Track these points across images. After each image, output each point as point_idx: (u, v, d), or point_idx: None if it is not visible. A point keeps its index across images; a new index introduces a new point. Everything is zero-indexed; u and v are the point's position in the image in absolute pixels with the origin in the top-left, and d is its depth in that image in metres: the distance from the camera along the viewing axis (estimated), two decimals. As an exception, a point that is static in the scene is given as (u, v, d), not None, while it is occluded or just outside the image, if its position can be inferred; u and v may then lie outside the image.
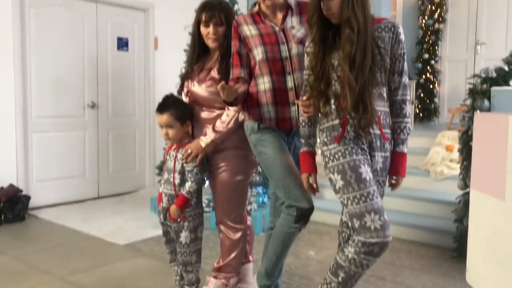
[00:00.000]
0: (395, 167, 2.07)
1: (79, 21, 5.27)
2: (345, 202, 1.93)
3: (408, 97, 2.07)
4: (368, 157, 1.99)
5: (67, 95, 5.20)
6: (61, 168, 5.17)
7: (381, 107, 1.99)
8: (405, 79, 2.05)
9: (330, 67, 1.96)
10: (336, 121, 1.97)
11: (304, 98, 2.07)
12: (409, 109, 2.08)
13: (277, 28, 2.31)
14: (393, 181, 2.11)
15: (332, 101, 1.97)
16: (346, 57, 1.88)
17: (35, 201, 4.85)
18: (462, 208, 3.45)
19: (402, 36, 2.02)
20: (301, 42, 2.24)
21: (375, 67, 1.92)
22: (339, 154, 1.95)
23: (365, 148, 1.98)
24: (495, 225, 1.25)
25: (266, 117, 2.33)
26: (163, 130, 2.44)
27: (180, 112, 2.44)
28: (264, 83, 2.32)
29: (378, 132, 1.98)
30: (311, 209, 2.27)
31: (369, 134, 1.95)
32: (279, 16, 2.33)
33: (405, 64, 2.05)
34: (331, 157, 1.98)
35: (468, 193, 3.41)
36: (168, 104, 2.45)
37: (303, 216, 2.26)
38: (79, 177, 5.36)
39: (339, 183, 1.94)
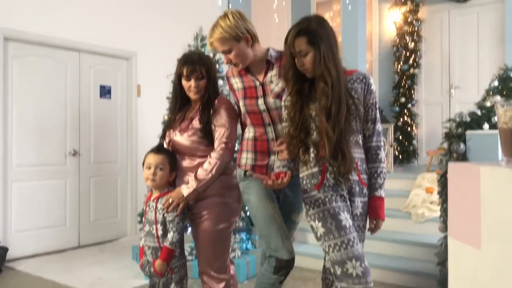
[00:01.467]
0: (374, 211, 2.13)
1: (61, 70, 5.32)
2: (327, 249, 1.98)
3: (382, 143, 2.16)
4: (348, 203, 2.05)
5: (49, 143, 5.18)
6: (41, 218, 5.09)
7: (358, 154, 2.07)
8: (378, 126, 2.15)
9: (309, 117, 2.04)
10: (316, 169, 2.03)
11: (277, 143, 2.18)
12: (384, 154, 2.17)
13: (257, 82, 2.39)
14: (373, 225, 2.16)
15: (311, 149, 2.04)
16: (322, 109, 1.97)
17: (13, 252, 4.73)
18: (444, 251, 3.48)
19: (373, 87, 2.13)
20: (278, 96, 2.30)
21: (351, 116, 2.01)
22: (319, 201, 2.01)
23: (345, 195, 2.04)
24: (473, 275, 1.27)
25: (242, 163, 2.41)
26: (150, 170, 2.43)
27: (173, 160, 2.50)
28: (249, 132, 2.43)
29: (356, 178, 2.05)
30: (291, 260, 2.26)
31: (349, 181, 2.01)
32: (261, 70, 2.41)
33: (377, 112, 2.16)
34: (312, 205, 2.03)
35: (449, 236, 3.47)
36: (164, 149, 2.54)
37: (282, 267, 2.25)
38: (60, 226, 5.26)
39: (320, 231, 1.99)
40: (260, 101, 2.35)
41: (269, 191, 2.35)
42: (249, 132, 2.42)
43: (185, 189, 2.42)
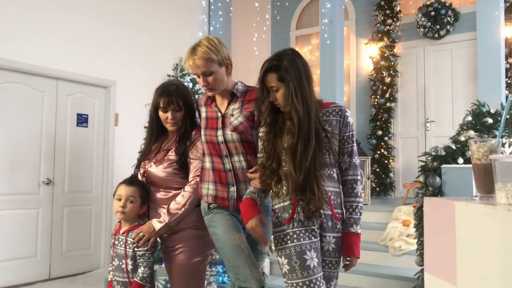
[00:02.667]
0: (348, 248, 2.06)
1: (38, 97, 5.26)
2: (289, 287, 1.95)
3: (359, 177, 2.12)
4: (318, 238, 2.01)
5: (22, 171, 5.07)
6: (11, 248, 4.92)
7: (331, 188, 2.04)
8: (355, 159, 2.11)
9: (281, 148, 2.03)
10: (287, 202, 2.02)
11: (251, 170, 2.16)
12: (360, 188, 2.12)
13: (219, 114, 2.39)
14: (347, 262, 2.10)
15: (284, 182, 2.02)
16: (288, 149, 1.97)
17: (-21, 284, 4.55)
18: (421, 285, 3.48)
19: (350, 119, 2.12)
20: (235, 129, 2.31)
21: (323, 150, 2.00)
22: (287, 237, 1.99)
23: (315, 230, 2.00)
24: (449, 311, 1.27)
25: (204, 194, 2.39)
26: (120, 202, 2.39)
27: (145, 193, 2.46)
28: (207, 162, 2.40)
29: (329, 212, 2.02)
30: None
31: (319, 216, 1.99)
32: (225, 101, 2.41)
33: (354, 145, 2.13)
34: (280, 240, 2.01)
35: (426, 269, 3.47)
36: (138, 181, 2.49)
37: None
38: (30, 257, 5.09)
39: (285, 268, 1.97)
40: (219, 133, 2.34)
41: (235, 222, 2.32)
42: (208, 162, 2.39)
43: (157, 223, 2.37)
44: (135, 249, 2.35)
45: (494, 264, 1.10)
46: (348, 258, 2.09)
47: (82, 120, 5.67)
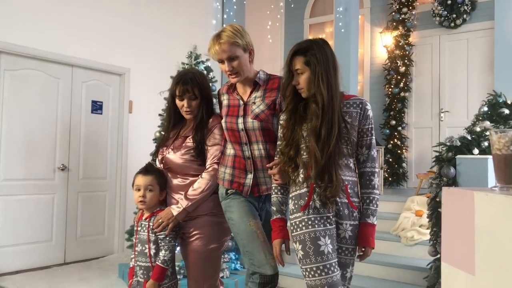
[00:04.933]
0: (363, 238, 2.08)
1: (53, 84, 5.30)
2: (303, 273, 1.99)
3: (376, 170, 2.13)
4: (334, 225, 2.03)
5: (38, 157, 5.13)
6: (27, 233, 5.00)
7: (349, 177, 2.06)
8: (374, 152, 2.13)
9: (300, 136, 2.06)
10: (303, 190, 2.04)
11: (271, 165, 2.17)
12: (377, 180, 2.14)
13: (241, 102, 2.41)
14: (361, 253, 2.12)
15: (301, 170, 2.04)
16: (312, 130, 1.99)
17: (-3, 268, 4.64)
18: (433, 275, 3.48)
19: (370, 112, 2.13)
20: (256, 117, 2.33)
21: (341, 140, 2.02)
22: (303, 224, 2.01)
23: (331, 217, 2.02)
24: (467, 300, 1.27)
25: (220, 177, 2.41)
26: (139, 192, 2.42)
27: (162, 179, 2.48)
28: (229, 149, 2.44)
29: (345, 200, 2.04)
30: (274, 275, 2.25)
31: (335, 203, 2.01)
32: (248, 90, 2.42)
33: (373, 138, 2.14)
34: (296, 227, 2.03)
35: (438, 259, 3.46)
36: (153, 169, 2.50)
37: (267, 283, 2.24)
38: (46, 241, 5.18)
39: (300, 253, 2.00)
40: (240, 120, 2.36)
41: (251, 208, 2.35)
42: (229, 149, 2.43)
43: (175, 209, 2.41)
44: (156, 233, 2.38)
45: (514, 254, 1.10)
46: (363, 249, 2.10)
47: (96, 107, 5.72)
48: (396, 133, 7.15)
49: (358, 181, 2.12)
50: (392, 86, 7.21)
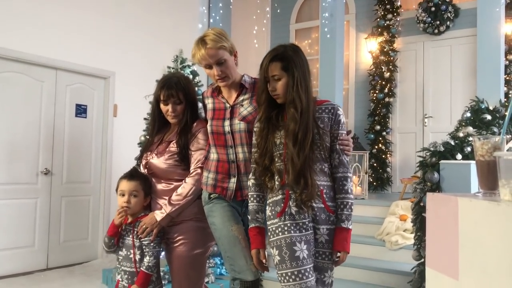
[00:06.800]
0: (338, 242, 2.07)
1: (37, 87, 5.24)
2: (279, 278, 2.01)
3: (349, 174, 2.12)
4: (311, 231, 2.04)
5: (20, 161, 5.06)
6: (9, 238, 4.92)
7: (324, 182, 2.08)
8: (344, 157, 2.13)
9: (273, 144, 2.08)
10: (279, 196, 2.06)
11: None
12: (351, 185, 2.13)
13: (228, 105, 2.40)
14: (336, 258, 2.10)
15: (276, 177, 2.06)
16: (290, 134, 2.01)
17: (-23, 273, 4.56)
18: (417, 279, 3.51)
19: (342, 118, 2.15)
20: (244, 119, 2.33)
21: (315, 145, 2.04)
22: (279, 229, 2.03)
23: (307, 223, 2.03)
24: (451, 305, 1.28)
25: (203, 182, 2.41)
26: (124, 198, 2.40)
27: (147, 185, 2.47)
28: (213, 153, 2.42)
29: (322, 205, 2.06)
30: (255, 281, 2.24)
31: (311, 208, 2.02)
32: (233, 93, 2.42)
33: None
34: (273, 232, 2.05)
35: (422, 264, 3.49)
36: (138, 174, 2.48)
37: None
38: (28, 247, 5.10)
39: (276, 259, 2.02)
40: (226, 123, 2.36)
41: (234, 213, 2.35)
42: (213, 153, 2.42)
43: (159, 214, 2.39)
44: (141, 238, 2.37)
45: (497, 260, 1.12)
46: (338, 254, 2.09)
47: (81, 110, 5.66)
48: (380, 138, 7.21)
49: (332, 185, 2.13)
50: (377, 92, 7.27)
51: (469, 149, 3.61)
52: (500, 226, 1.11)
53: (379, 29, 7.30)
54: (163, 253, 2.58)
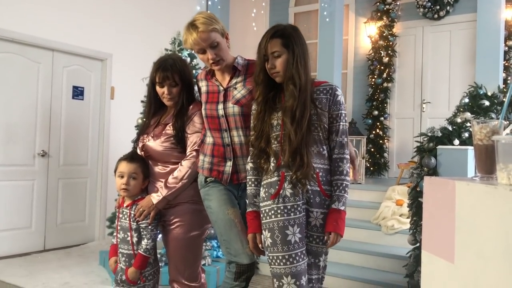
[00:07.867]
0: (330, 223, 2.03)
1: (34, 69, 5.20)
2: (269, 260, 2.02)
3: (346, 156, 2.10)
4: (303, 213, 2.03)
5: (17, 143, 5.05)
6: (6, 219, 4.93)
7: (320, 164, 2.06)
8: (343, 138, 2.10)
9: (269, 126, 2.07)
10: (274, 178, 2.05)
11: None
12: (347, 167, 2.10)
13: (221, 88, 2.38)
14: (327, 239, 2.05)
15: (272, 159, 2.06)
16: (288, 111, 2.00)
17: (-26, 254, 4.57)
18: (412, 263, 3.53)
19: (340, 98, 2.12)
20: (237, 102, 2.31)
21: (312, 126, 2.03)
22: (272, 212, 2.02)
23: (301, 205, 2.02)
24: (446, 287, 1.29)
25: (199, 165, 2.40)
26: (123, 179, 2.39)
27: (146, 168, 2.46)
28: (208, 137, 2.41)
29: (317, 188, 2.04)
30: (251, 265, 2.25)
31: (305, 187, 2.01)
32: (227, 76, 2.40)
33: (342, 124, 2.11)
34: (265, 214, 2.05)
35: (418, 248, 3.52)
36: (138, 157, 2.48)
37: (243, 272, 2.24)
38: (25, 228, 5.11)
39: (268, 241, 2.02)
40: (220, 106, 2.34)
41: (230, 197, 2.34)
42: (209, 137, 2.40)
43: (155, 197, 2.39)
44: (138, 221, 2.37)
45: (493, 243, 1.12)
46: (330, 234, 2.03)
47: (78, 92, 5.63)
48: (378, 123, 7.20)
49: (330, 168, 2.10)
50: (375, 77, 7.24)
51: (466, 134, 3.61)
52: (497, 210, 1.11)
53: (379, 14, 7.24)
54: (160, 236, 2.59)
